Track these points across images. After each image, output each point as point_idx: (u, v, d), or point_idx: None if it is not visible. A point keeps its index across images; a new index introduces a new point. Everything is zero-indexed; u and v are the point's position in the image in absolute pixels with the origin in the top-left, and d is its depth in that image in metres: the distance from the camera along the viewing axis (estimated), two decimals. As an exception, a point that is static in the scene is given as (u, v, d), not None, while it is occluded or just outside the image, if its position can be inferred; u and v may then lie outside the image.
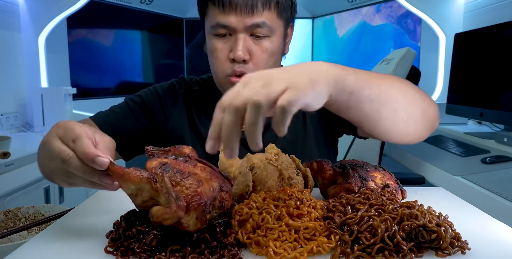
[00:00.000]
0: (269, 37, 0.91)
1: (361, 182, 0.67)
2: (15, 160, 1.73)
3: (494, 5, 2.36)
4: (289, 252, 0.50)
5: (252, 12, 0.87)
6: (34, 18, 2.60)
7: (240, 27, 0.88)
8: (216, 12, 0.89)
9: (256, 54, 0.90)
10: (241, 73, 0.90)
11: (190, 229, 0.50)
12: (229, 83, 0.92)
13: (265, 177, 0.68)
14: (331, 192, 0.70)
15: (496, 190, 1.30)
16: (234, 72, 0.90)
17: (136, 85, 3.94)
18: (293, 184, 0.68)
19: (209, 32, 0.93)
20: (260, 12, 0.88)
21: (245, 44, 0.89)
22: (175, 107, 1.04)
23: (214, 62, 0.93)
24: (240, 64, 0.89)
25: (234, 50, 0.88)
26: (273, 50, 0.93)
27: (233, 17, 0.87)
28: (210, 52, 0.94)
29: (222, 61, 0.91)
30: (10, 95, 2.53)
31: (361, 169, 0.70)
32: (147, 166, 0.53)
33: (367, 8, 3.70)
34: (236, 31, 0.89)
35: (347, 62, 3.95)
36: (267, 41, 0.91)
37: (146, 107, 1.02)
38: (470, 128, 2.39)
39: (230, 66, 0.91)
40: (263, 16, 0.88)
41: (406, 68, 2.40)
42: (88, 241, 0.55)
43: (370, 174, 0.69)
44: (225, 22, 0.88)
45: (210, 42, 0.92)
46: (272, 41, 0.92)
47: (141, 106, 1.02)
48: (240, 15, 0.87)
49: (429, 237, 0.50)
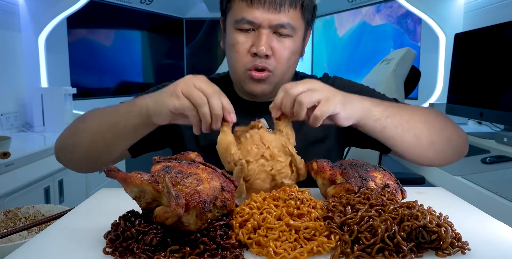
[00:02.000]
0: (291, 36, 0.92)
1: (361, 182, 0.67)
2: (15, 160, 1.73)
3: (494, 5, 2.36)
4: (289, 252, 0.50)
5: (279, 9, 0.89)
6: (34, 18, 2.60)
7: (265, 23, 0.89)
8: (242, 7, 0.90)
9: (278, 51, 0.91)
10: (262, 68, 0.91)
11: (191, 228, 0.50)
12: (249, 78, 0.93)
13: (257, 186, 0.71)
14: (331, 192, 0.70)
15: (496, 190, 1.30)
16: (255, 66, 0.91)
17: (136, 85, 3.94)
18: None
19: (231, 26, 0.93)
20: (286, 10, 0.89)
21: (268, 40, 0.90)
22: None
23: (235, 56, 0.93)
24: (262, 59, 0.91)
25: (257, 45, 0.89)
26: (294, 49, 0.94)
27: (259, 13, 0.88)
28: (231, 46, 0.94)
29: (244, 55, 0.92)
30: (10, 95, 2.53)
31: (361, 169, 0.70)
32: (152, 170, 0.55)
33: (367, 8, 3.70)
34: (260, 27, 0.90)
35: (347, 62, 3.95)
36: (289, 40, 0.92)
37: None
38: (470, 128, 2.39)
39: (251, 60, 0.91)
40: (288, 15, 0.90)
41: (406, 68, 2.40)
42: (88, 241, 0.55)
43: (370, 174, 0.69)
44: (250, 17, 0.89)
45: (232, 36, 0.93)
46: (294, 41, 0.93)
47: None
48: (267, 12, 0.88)
49: (430, 237, 0.50)
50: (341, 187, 0.68)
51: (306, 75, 1.13)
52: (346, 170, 0.70)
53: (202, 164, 0.58)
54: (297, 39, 0.94)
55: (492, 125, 2.21)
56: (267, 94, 0.98)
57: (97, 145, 0.88)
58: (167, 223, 0.50)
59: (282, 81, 0.97)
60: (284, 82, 0.98)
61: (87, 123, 0.90)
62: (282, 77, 0.96)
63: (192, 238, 0.51)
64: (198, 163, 0.57)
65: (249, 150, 0.73)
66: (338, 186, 0.68)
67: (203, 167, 0.56)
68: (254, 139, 0.74)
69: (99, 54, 3.47)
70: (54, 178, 2.06)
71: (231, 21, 0.93)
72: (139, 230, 0.51)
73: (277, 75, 0.94)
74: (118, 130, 0.84)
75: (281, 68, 0.93)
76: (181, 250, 0.49)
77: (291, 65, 0.97)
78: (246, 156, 0.73)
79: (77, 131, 0.92)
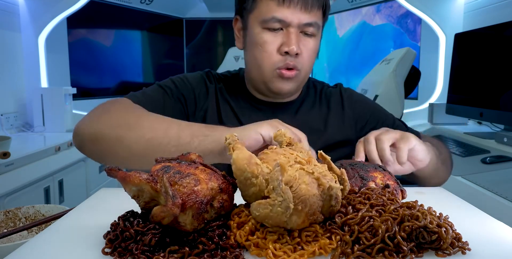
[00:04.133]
0: (315, 36, 0.94)
1: (361, 182, 0.67)
2: (15, 160, 1.73)
3: (494, 5, 2.36)
4: (289, 254, 0.50)
5: (310, 9, 0.90)
6: (34, 18, 2.60)
7: (295, 22, 0.90)
8: (271, 5, 0.90)
9: (305, 50, 0.93)
10: (293, 67, 0.93)
11: (187, 228, 0.50)
12: (277, 76, 0.94)
13: (305, 192, 0.50)
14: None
15: (496, 190, 1.30)
16: (286, 65, 0.92)
17: (136, 85, 3.94)
18: (333, 196, 0.53)
19: (257, 25, 0.93)
20: (315, 10, 0.91)
21: (298, 39, 0.91)
22: (206, 99, 1.03)
23: (263, 55, 0.93)
24: (292, 58, 0.92)
25: (288, 44, 0.90)
26: (316, 48, 0.97)
27: (290, 12, 0.89)
28: (257, 45, 0.94)
29: (273, 54, 0.92)
30: (10, 95, 2.53)
31: (361, 169, 0.70)
32: (152, 169, 0.55)
33: (367, 8, 3.70)
34: (289, 26, 0.90)
35: (347, 62, 3.95)
36: (313, 40, 0.94)
37: (180, 92, 1.01)
38: (470, 128, 2.39)
39: (281, 59, 0.92)
40: (315, 15, 0.92)
41: (406, 68, 2.40)
42: (88, 241, 0.55)
43: (370, 174, 0.68)
44: (281, 16, 0.90)
45: (259, 36, 0.93)
46: (317, 40, 0.95)
47: (175, 91, 1.00)
48: (299, 11, 0.89)
49: (430, 238, 0.50)
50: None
51: (317, 81, 1.16)
52: (346, 170, 0.69)
53: (202, 165, 0.58)
54: (318, 39, 0.96)
55: (492, 125, 2.21)
56: (293, 92, 1.00)
57: (153, 150, 0.80)
58: (163, 222, 0.50)
59: (304, 80, 1.00)
60: (305, 81, 1.03)
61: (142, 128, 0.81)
62: (305, 76, 0.98)
63: (191, 239, 0.51)
64: (198, 164, 0.57)
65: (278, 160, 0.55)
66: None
67: (202, 167, 0.56)
68: (277, 152, 0.58)
69: (99, 54, 3.47)
70: (54, 178, 2.06)
71: (257, 20, 0.93)
72: (137, 230, 0.51)
73: (303, 73, 0.96)
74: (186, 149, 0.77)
75: (307, 67, 0.96)
76: (180, 250, 0.49)
77: (312, 64, 0.99)
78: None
79: (126, 128, 0.82)
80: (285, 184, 0.50)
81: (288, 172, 0.51)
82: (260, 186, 0.52)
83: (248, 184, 0.52)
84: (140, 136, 0.81)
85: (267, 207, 0.50)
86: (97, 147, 0.85)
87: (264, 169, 0.52)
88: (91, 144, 0.86)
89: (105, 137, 0.83)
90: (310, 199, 0.50)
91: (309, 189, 0.50)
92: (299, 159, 0.55)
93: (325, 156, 0.59)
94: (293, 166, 0.52)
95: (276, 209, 0.49)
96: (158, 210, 0.49)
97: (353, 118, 1.07)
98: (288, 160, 0.54)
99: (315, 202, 0.51)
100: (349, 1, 3.81)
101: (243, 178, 0.52)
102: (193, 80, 1.05)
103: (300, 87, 1.02)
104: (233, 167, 0.52)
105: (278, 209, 0.49)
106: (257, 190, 0.52)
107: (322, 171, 0.54)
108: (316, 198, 0.51)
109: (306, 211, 0.50)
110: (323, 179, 0.52)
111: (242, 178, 0.52)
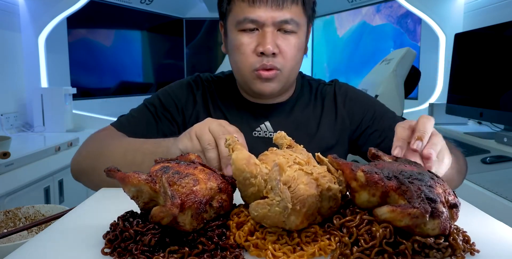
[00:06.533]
0: (295, 33, 0.92)
1: (430, 206, 0.47)
2: (15, 160, 1.73)
3: (494, 5, 2.36)
4: (289, 255, 0.49)
5: (282, 6, 0.88)
6: (34, 18, 2.60)
7: (268, 21, 0.89)
8: (243, 7, 0.89)
9: (284, 49, 0.91)
10: (271, 67, 0.91)
11: (186, 228, 0.50)
12: (257, 78, 0.92)
13: (303, 192, 0.50)
14: (386, 216, 0.48)
15: (496, 190, 1.30)
16: (263, 66, 0.91)
17: (136, 85, 3.94)
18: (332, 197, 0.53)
19: (234, 28, 0.92)
20: (289, 6, 0.89)
21: (273, 37, 0.89)
22: (194, 107, 1.03)
23: (240, 58, 0.92)
24: (269, 58, 0.90)
25: (263, 44, 0.89)
26: (299, 45, 0.94)
27: (262, 11, 0.88)
28: (235, 47, 0.93)
29: (250, 56, 0.91)
30: (10, 95, 2.53)
31: (422, 183, 0.50)
32: (151, 170, 0.55)
33: (367, 8, 3.70)
34: (264, 25, 0.89)
35: (347, 62, 3.95)
36: (294, 37, 0.92)
37: (164, 108, 1.02)
38: (470, 128, 2.39)
39: (258, 60, 0.91)
40: (291, 11, 0.89)
41: (406, 68, 2.40)
42: (88, 241, 0.55)
43: (436, 192, 0.50)
44: (253, 16, 0.88)
45: (236, 38, 0.92)
46: (298, 37, 0.93)
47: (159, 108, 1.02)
48: (270, 9, 0.88)
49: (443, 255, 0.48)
50: (404, 213, 0.47)
51: (313, 79, 1.13)
52: (404, 185, 0.50)
53: (201, 165, 0.58)
54: (301, 35, 0.94)
55: (492, 125, 2.21)
56: (276, 93, 0.98)
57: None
58: (163, 222, 0.50)
59: (289, 79, 0.97)
60: (291, 81, 1.00)
61: (107, 156, 0.88)
62: (289, 75, 0.96)
63: (190, 239, 0.51)
64: (197, 164, 0.57)
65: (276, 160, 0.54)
66: (399, 211, 0.47)
67: (201, 168, 0.56)
68: (276, 153, 0.57)
69: (99, 54, 3.47)
70: (54, 178, 2.06)
71: (233, 23, 0.92)
72: (137, 230, 0.51)
73: (285, 73, 0.94)
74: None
75: (288, 65, 0.93)
76: (180, 250, 0.49)
77: (297, 62, 0.96)
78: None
79: (96, 158, 0.90)
80: (284, 184, 0.49)
81: (287, 172, 0.51)
82: (259, 186, 0.51)
83: (247, 184, 0.52)
84: (106, 163, 0.84)
85: (265, 207, 0.49)
86: (84, 178, 0.93)
87: (263, 170, 0.52)
88: (79, 176, 0.94)
89: (84, 169, 0.92)
90: (309, 199, 0.50)
91: (307, 189, 0.50)
92: (298, 160, 0.55)
93: (322, 158, 0.58)
94: (292, 166, 0.52)
95: (274, 209, 0.49)
96: (157, 210, 0.49)
97: (348, 117, 1.05)
98: (287, 160, 0.54)
99: (314, 203, 0.50)
100: (349, 1, 3.81)
101: (242, 178, 0.52)
102: (178, 90, 1.05)
103: (285, 87, 0.99)
104: (232, 167, 0.52)
105: (276, 209, 0.49)
106: (256, 190, 0.52)
107: (321, 172, 0.53)
108: (314, 199, 0.50)
109: (304, 211, 0.50)
110: (322, 180, 0.52)
111: (241, 178, 0.52)
